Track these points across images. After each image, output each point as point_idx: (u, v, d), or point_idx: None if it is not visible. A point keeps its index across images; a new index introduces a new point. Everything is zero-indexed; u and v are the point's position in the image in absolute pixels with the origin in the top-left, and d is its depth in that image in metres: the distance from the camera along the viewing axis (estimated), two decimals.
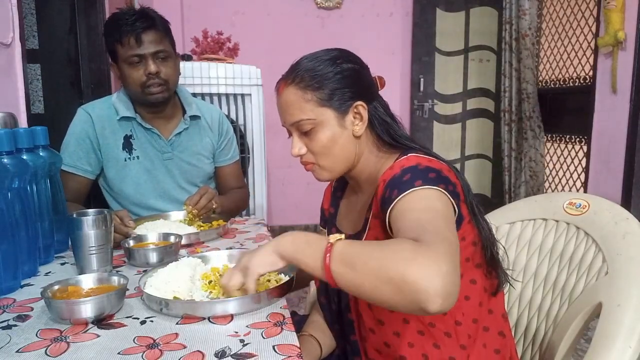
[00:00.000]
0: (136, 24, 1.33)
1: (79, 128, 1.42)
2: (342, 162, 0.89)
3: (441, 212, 0.71)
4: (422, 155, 0.83)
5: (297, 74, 0.86)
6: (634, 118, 2.66)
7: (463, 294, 0.84)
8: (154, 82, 1.37)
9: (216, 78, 2.40)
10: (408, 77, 3.77)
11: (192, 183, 1.54)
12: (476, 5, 3.73)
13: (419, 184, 0.74)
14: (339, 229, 0.99)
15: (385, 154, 0.90)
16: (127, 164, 1.44)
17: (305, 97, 0.85)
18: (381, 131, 0.89)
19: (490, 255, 0.86)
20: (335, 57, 0.87)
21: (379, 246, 0.64)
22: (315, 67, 0.86)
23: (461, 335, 0.83)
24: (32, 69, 2.31)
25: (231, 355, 0.64)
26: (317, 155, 0.88)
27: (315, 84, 0.85)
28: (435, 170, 0.78)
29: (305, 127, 0.86)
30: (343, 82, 0.86)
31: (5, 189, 0.87)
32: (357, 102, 0.86)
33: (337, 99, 0.85)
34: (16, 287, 0.90)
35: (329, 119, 0.85)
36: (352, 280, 0.64)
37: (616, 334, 0.76)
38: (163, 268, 0.90)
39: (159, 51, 1.36)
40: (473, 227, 0.83)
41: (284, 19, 3.61)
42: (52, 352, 0.66)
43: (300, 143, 0.88)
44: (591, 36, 3.04)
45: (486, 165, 3.97)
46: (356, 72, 0.88)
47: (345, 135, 0.87)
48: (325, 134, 0.86)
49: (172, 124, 1.50)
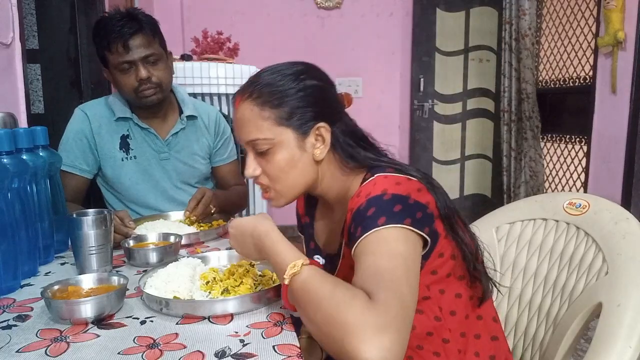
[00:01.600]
0: (123, 29, 1.30)
1: (75, 128, 1.43)
2: (299, 187, 0.84)
3: (402, 258, 0.67)
4: (390, 174, 0.77)
5: (256, 88, 0.80)
6: (634, 118, 2.66)
7: (449, 309, 0.81)
8: (147, 86, 1.36)
9: (216, 78, 2.40)
10: (408, 77, 3.77)
11: (187, 183, 1.53)
12: (476, 5, 3.73)
13: (382, 222, 0.69)
14: (317, 244, 0.96)
15: (351, 174, 0.84)
16: (124, 163, 1.44)
17: (262, 114, 0.79)
18: (344, 155, 0.83)
19: (473, 266, 0.81)
20: (299, 72, 0.81)
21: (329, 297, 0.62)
22: (275, 81, 0.79)
23: (451, 353, 0.81)
24: (32, 69, 2.31)
25: (231, 355, 0.64)
26: (272, 179, 0.83)
27: (275, 101, 0.78)
28: (401, 199, 0.72)
29: (261, 147, 0.80)
30: (305, 101, 0.79)
31: (5, 189, 0.87)
32: (319, 124, 0.80)
33: (298, 118, 0.79)
34: (16, 287, 0.90)
35: (288, 139, 0.79)
36: (304, 320, 0.67)
37: (616, 334, 0.76)
38: (163, 268, 0.90)
39: (149, 55, 1.34)
40: (450, 240, 0.79)
41: (284, 19, 3.61)
42: (52, 352, 0.66)
43: (255, 163, 0.83)
44: (591, 36, 3.04)
45: (486, 165, 3.97)
46: (321, 90, 0.82)
47: (305, 158, 0.81)
48: (283, 156, 0.80)
49: (169, 123, 1.50)
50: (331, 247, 0.92)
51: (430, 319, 0.80)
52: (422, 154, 3.86)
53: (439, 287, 0.80)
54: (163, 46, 1.41)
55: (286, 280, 0.68)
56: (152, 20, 1.38)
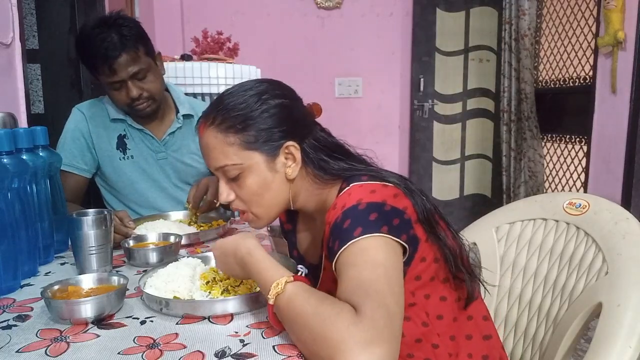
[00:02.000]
0: (108, 52, 1.26)
1: (73, 127, 1.43)
2: (276, 208, 0.83)
3: (383, 267, 0.67)
4: (365, 182, 0.76)
5: (219, 113, 0.78)
6: (634, 118, 2.66)
7: (435, 314, 0.80)
8: (139, 102, 1.36)
9: (216, 78, 2.40)
10: (408, 77, 3.77)
11: (186, 182, 1.53)
12: (476, 5, 3.73)
13: (359, 233, 0.68)
14: (300, 253, 0.96)
15: (326, 186, 0.83)
16: (122, 163, 1.44)
17: (227, 140, 0.77)
18: (317, 169, 0.81)
19: (456, 268, 0.80)
20: (262, 92, 0.79)
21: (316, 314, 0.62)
22: (237, 105, 0.78)
23: (442, 357, 0.80)
24: (32, 69, 2.31)
25: (231, 355, 0.64)
26: (248, 204, 0.82)
27: (238, 125, 0.77)
28: (376, 206, 0.71)
29: (231, 172, 0.79)
30: (270, 122, 0.78)
31: (5, 189, 0.87)
32: (287, 142, 0.79)
33: (265, 140, 0.78)
34: (16, 287, 0.90)
35: (257, 163, 0.78)
36: (292, 337, 0.66)
37: (616, 334, 0.76)
38: (163, 268, 0.90)
39: (137, 72, 1.32)
40: (432, 244, 0.78)
41: (284, 19, 3.61)
42: (52, 352, 0.66)
43: (227, 189, 0.82)
44: (591, 36, 3.04)
45: (486, 165, 3.97)
46: (285, 108, 0.80)
47: (278, 179, 0.80)
48: (255, 180, 0.79)
49: (165, 123, 1.49)
50: (313, 257, 0.91)
51: (417, 326, 0.79)
52: (422, 154, 3.86)
53: (424, 292, 0.79)
54: (150, 53, 1.36)
55: (270, 300, 0.67)
56: (134, 30, 1.31)
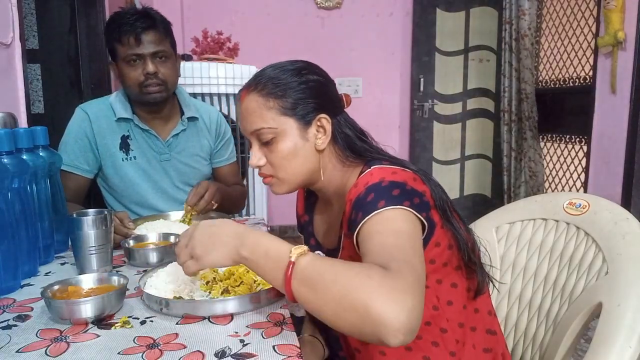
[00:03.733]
0: (136, 23, 1.33)
1: (76, 127, 1.42)
2: (302, 175, 0.86)
3: (407, 235, 0.69)
4: (386, 166, 0.80)
5: (260, 81, 0.84)
6: (634, 118, 2.66)
7: (445, 299, 0.82)
8: (152, 82, 1.36)
9: (216, 78, 2.40)
10: (408, 77, 3.77)
11: (188, 184, 1.53)
12: (476, 5, 3.73)
13: (382, 205, 0.71)
14: (317, 241, 0.97)
15: (349, 167, 0.87)
16: (124, 163, 1.44)
17: (267, 104, 0.82)
18: (343, 146, 0.86)
19: (468, 257, 0.83)
20: (301, 68, 0.85)
21: (344, 270, 0.61)
22: (279, 75, 0.83)
23: (449, 342, 0.82)
24: (32, 69, 2.32)
25: (231, 355, 0.64)
26: (276, 167, 0.85)
27: (279, 92, 0.82)
28: (398, 184, 0.75)
29: (265, 136, 0.83)
30: (307, 93, 0.83)
31: (5, 189, 0.87)
32: (320, 115, 0.84)
33: (301, 109, 0.82)
34: (16, 287, 0.90)
35: (291, 129, 0.83)
36: (313, 302, 0.63)
37: (616, 334, 0.76)
38: (163, 268, 0.90)
39: (158, 51, 1.36)
40: (447, 230, 0.81)
41: (284, 19, 3.61)
42: (52, 352, 0.66)
43: (259, 153, 0.86)
44: (591, 36, 3.04)
45: (486, 165, 3.97)
46: (321, 84, 0.86)
47: (307, 147, 0.84)
48: (286, 145, 0.83)
49: (170, 125, 1.50)
50: (330, 242, 0.93)
51: (428, 308, 0.80)
52: (422, 154, 3.86)
53: (437, 276, 0.81)
54: (173, 47, 1.43)
55: (293, 257, 0.64)
56: (166, 21, 1.41)
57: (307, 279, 0.63)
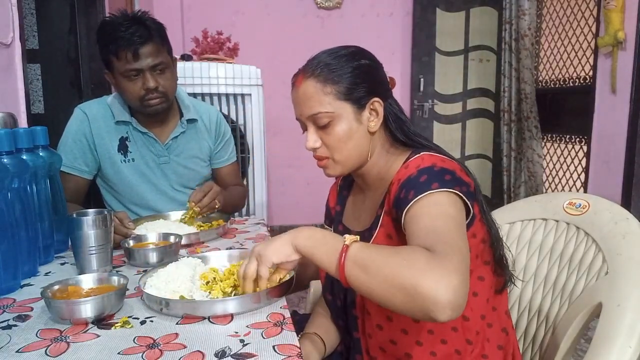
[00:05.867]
0: (133, 38, 1.27)
1: (75, 128, 1.41)
2: (356, 158, 0.89)
3: (455, 220, 0.73)
4: (435, 154, 0.84)
5: (317, 67, 0.86)
6: (634, 118, 2.66)
7: (472, 290, 0.84)
8: (153, 95, 1.34)
9: (216, 78, 2.40)
10: (408, 77, 3.77)
11: (187, 187, 1.52)
12: (476, 5, 3.73)
13: (435, 187, 0.75)
14: (345, 226, 0.99)
15: (395, 152, 0.91)
16: (122, 165, 1.43)
17: (324, 90, 0.85)
18: (395, 128, 0.89)
19: (499, 254, 0.87)
20: (353, 52, 0.88)
21: (394, 253, 0.66)
22: (334, 61, 0.86)
23: (468, 331, 0.84)
24: (32, 69, 2.31)
25: (231, 355, 0.65)
26: (332, 149, 0.88)
27: (335, 78, 0.85)
28: (450, 171, 0.79)
29: (322, 120, 0.86)
30: (361, 78, 0.86)
31: (5, 189, 0.87)
32: (373, 98, 0.87)
33: (356, 93, 0.86)
34: (16, 287, 0.90)
35: (347, 113, 0.86)
36: (365, 283, 0.67)
37: (616, 334, 0.76)
38: (163, 268, 0.90)
39: (157, 64, 1.32)
40: (483, 224, 0.85)
41: (284, 19, 3.61)
42: (52, 352, 0.66)
43: (315, 136, 0.88)
44: (591, 36, 3.04)
45: (486, 165, 3.97)
46: (373, 68, 0.89)
47: (361, 130, 0.87)
48: (342, 128, 0.86)
49: (169, 127, 1.48)
50: (362, 225, 0.95)
51: None
52: None
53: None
54: (170, 53, 1.40)
55: (347, 242, 0.70)
56: (160, 27, 1.36)
57: (360, 261, 0.67)
